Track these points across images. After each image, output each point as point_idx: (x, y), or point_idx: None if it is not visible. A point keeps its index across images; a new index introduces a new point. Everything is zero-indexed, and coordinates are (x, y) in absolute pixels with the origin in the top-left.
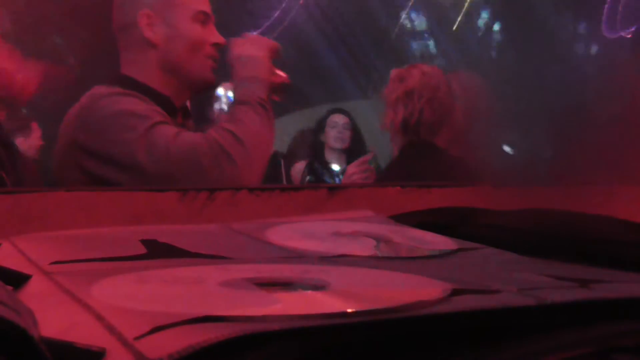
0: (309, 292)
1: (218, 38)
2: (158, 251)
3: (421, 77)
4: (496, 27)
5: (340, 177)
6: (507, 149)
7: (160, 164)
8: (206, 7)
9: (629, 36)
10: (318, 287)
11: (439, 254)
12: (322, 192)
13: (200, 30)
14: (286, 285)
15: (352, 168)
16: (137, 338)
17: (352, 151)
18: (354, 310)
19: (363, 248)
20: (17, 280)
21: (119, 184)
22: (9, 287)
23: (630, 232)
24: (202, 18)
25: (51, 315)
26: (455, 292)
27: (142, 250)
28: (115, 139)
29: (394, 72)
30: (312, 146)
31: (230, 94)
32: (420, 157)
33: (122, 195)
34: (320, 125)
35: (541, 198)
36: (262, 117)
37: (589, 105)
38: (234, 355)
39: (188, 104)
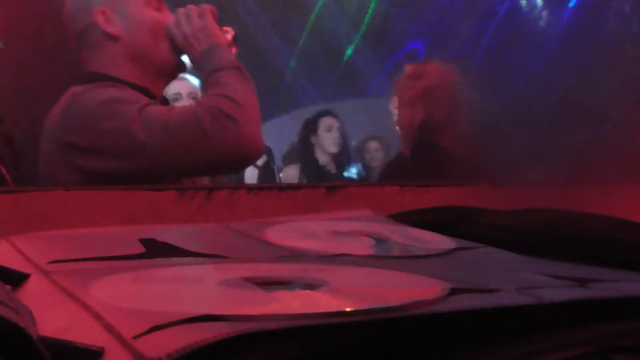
0: (308, 291)
1: (165, 17)
2: (156, 250)
3: (439, 74)
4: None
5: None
6: (507, 148)
7: (162, 140)
8: None
9: None
10: (317, 286)
11: (437, 253)
12: (320, 191)
13: (157, 14)
14: (285, 284)
15: None
16: (135, 337)
17: (341, 155)
18: (352, 309)
19: (362, 247)
20: (15, 279)
21: (120, 174)
22: (8, 287)
23: (629, 232)
24: (155, 3)
25: (50, 315)
26: (453, 292)
27: (141, 249)
28: (107, 129)
29: (409, 68)
30: (303, 149)
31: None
32: (432, 158)
33: (121, 195)
34: (311, 128)
35: (540, 197)
36: (241, 76)
37: (590, 104)
38: (233, 355)
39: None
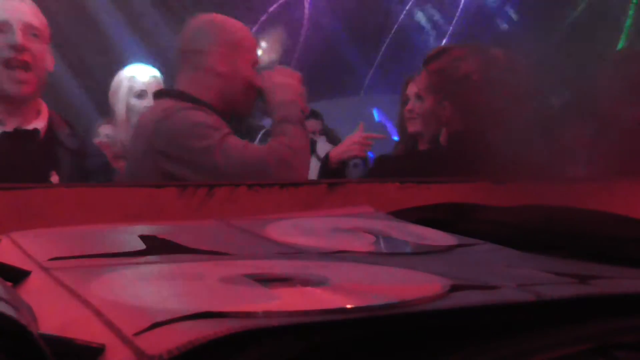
0: (309, 288)
1: (258, 81)
2: (157, 247)
3: (482, 59)
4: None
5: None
6: (507, 145)
7: (235, 168)
8: (256, 57)
9: None
10: (317, 283)
11: (438, 249)
12: (321, 188)
13: (253, 74)
14: (285, 281)
15: (356, 137)
16: (136, 334)
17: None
18: (353, 306)
19: (362, 244)
20: (16, 276)
21: (190, 180)
22: (8, 283)
23: (629, 228)
24: (255, 65)
25: (50, 311)
26: (454, 288)
27: (141, 246)
28: (195, 147)
29: (455, 50)
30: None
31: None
32: (470, 147)
33: (122, 192)
34: None
35: (540, 194)
36: (303, 131)
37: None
38: (234, 351)
39: None
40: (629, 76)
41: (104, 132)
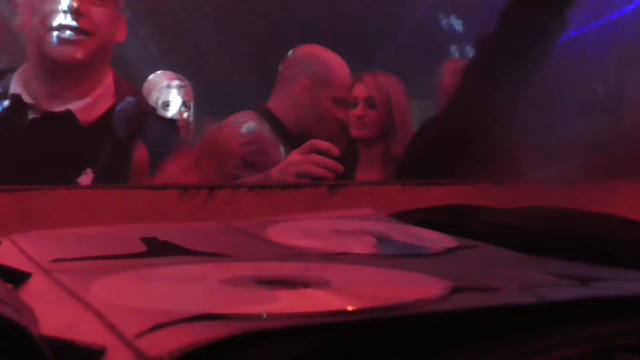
0: (310, 290)
1: (343, 115)
2: (158, 249)
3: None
4: None
5: None
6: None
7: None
8: (345, 94)
9: None
10: (318, 285)
11: (439, 251)
12: (322, 189)
13: (334, 108)
14: (287, 283)
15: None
16: (137, 336)
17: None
18: (354, 308)
19: (363, 246)
20: (17, 278)
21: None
22: (9, 285)
23: (631, 230)
24: (338, 101)
25: (51, 313)
26: (455, 290)
27: (143, 248)
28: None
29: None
30: None
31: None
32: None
33: (123, 193)
34: None
35: (542, 195)
36: None
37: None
38: (235, 353)
39: None
40: None
41: None
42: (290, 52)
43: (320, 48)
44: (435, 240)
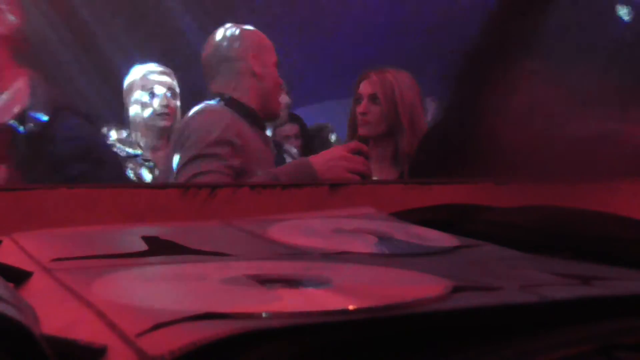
0: (311, 289)
1: (281, 82)
2: (159, 248)
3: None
4: None
5: None
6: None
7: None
8: (276, 58)
9: None
10: (319, 284)
11: (440, 250)
12: (323, 189)
13: (277, 74)
14: (288, 282)
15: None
16: (138, 335)
17: None
18: (355, 307)
19: (364, 245)
20: (18, 277)
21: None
22: (10, 284)
23: (632, 229)
24: (277, 65)
25: (52, 312)
26: (456, 289)
27: (144, 247)
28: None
29: None
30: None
31: None
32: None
33: (124, 192)
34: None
35: (543, 195)
36: None
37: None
38: (236, 352)
39: None
40: None
41: (114, 136)
42: (213, 34)
43: (236, 24)
44: (437, 239)
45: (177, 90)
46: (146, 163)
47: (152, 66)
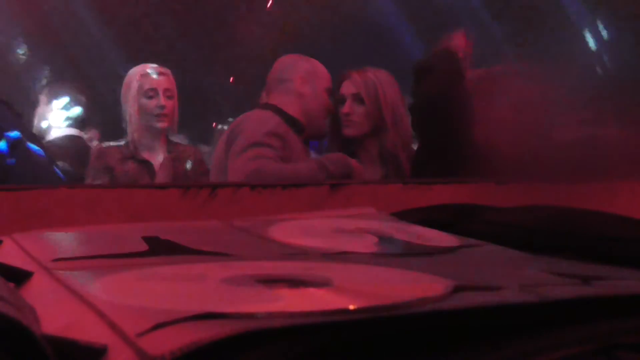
0: (312, 289)
1: (331, 106)
2: (160, 248)
3: None
4: None
5: None
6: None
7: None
8: (331, 85)
9: None
10: (320, 284)
11: (441, 250)
12: (324, 189)
13: (328, 98)
14: (288, 282)
15: None
16: (139, 335)
17: None
18: (356, 307)
19: (365, 245)
20: (19, 277)
21: None
22: (11, 284)
23: (632, 229)
24: (330, 92)
25: (53, 312)
26: (457, 289)
27: (144, 247)
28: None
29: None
30: None
31: None
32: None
33: (124, 193)
34: None
35: (543, 195)
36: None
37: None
38: (236, 352)
39: None
40: None
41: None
42: (277, 61)
43: (296, 55)
44: (437, 239)
45: (175, 91)
46: (143, 164)
47: (150, 66)
